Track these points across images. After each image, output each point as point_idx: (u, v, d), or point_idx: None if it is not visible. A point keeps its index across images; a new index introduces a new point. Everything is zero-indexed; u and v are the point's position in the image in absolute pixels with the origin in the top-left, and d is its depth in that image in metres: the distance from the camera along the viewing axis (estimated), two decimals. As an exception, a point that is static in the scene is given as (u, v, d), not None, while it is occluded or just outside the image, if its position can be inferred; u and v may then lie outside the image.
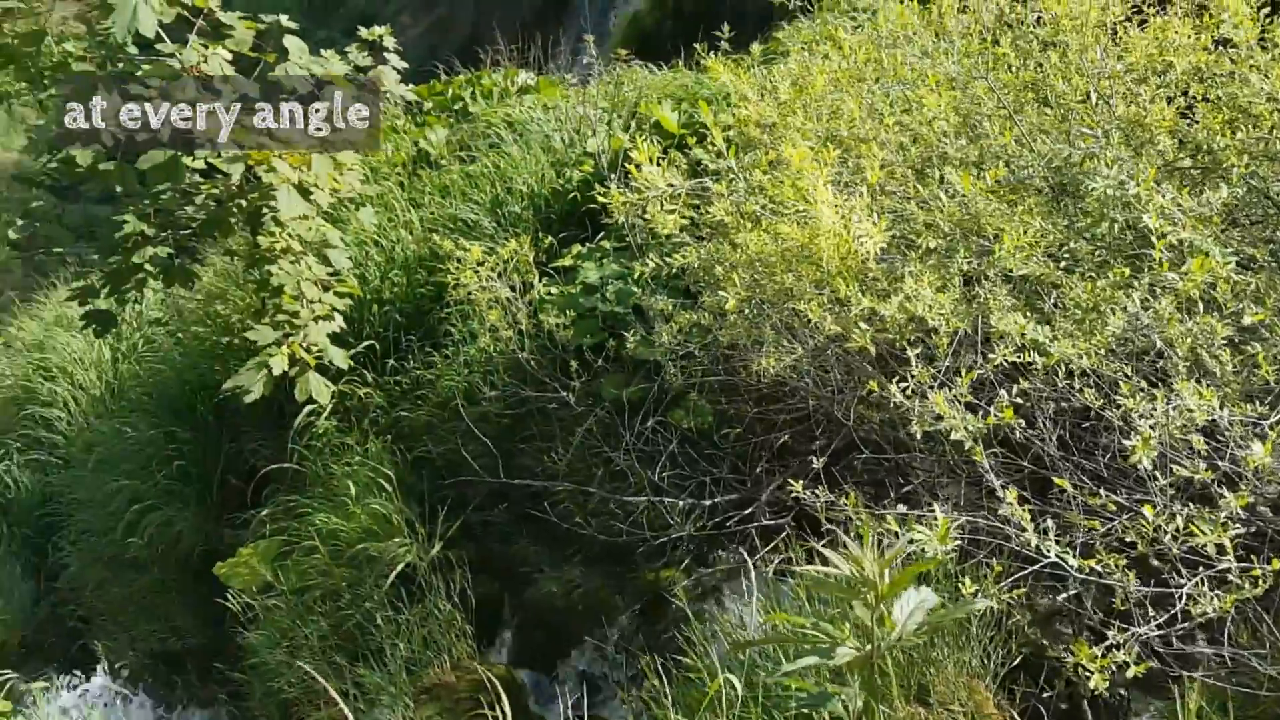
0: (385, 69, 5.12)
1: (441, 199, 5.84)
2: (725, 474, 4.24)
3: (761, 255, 3.50)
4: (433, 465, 5.10)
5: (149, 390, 6.33)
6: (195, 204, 4.66)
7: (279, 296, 4.67)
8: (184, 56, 4.27)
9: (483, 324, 4.82)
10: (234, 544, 5.38)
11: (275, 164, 4.23)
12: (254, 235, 4.84)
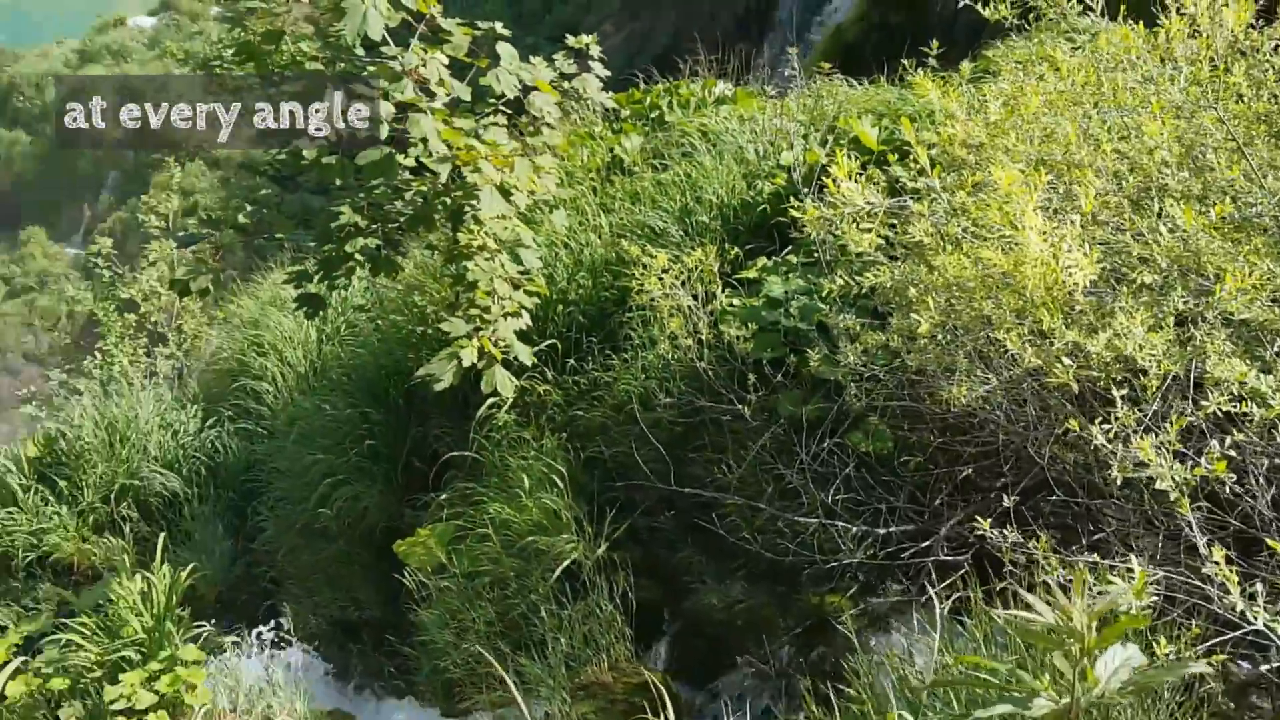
0: (588, 76, 5.25)
1: (631, 205, 5.93)
2: (902, 503, 4.11)
3: (960, 280, 3.37)
4: (604, 466, 5.18)
5: (348, 371, 6.70)
6: (404, 199, 4.91)
7: (473, 291, 4.86)
8: (405, 60, 4.50)
9: (663, 331, 4.87)
10: (413, 524, 5.63)
11: (482, 165, 4.40)
12: (454, 232, 5.06)
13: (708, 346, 4.76)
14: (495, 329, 4.79)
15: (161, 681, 4.57)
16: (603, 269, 5.67)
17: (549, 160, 5.20)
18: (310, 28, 5.56)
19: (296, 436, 6.73)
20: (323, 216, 5.02)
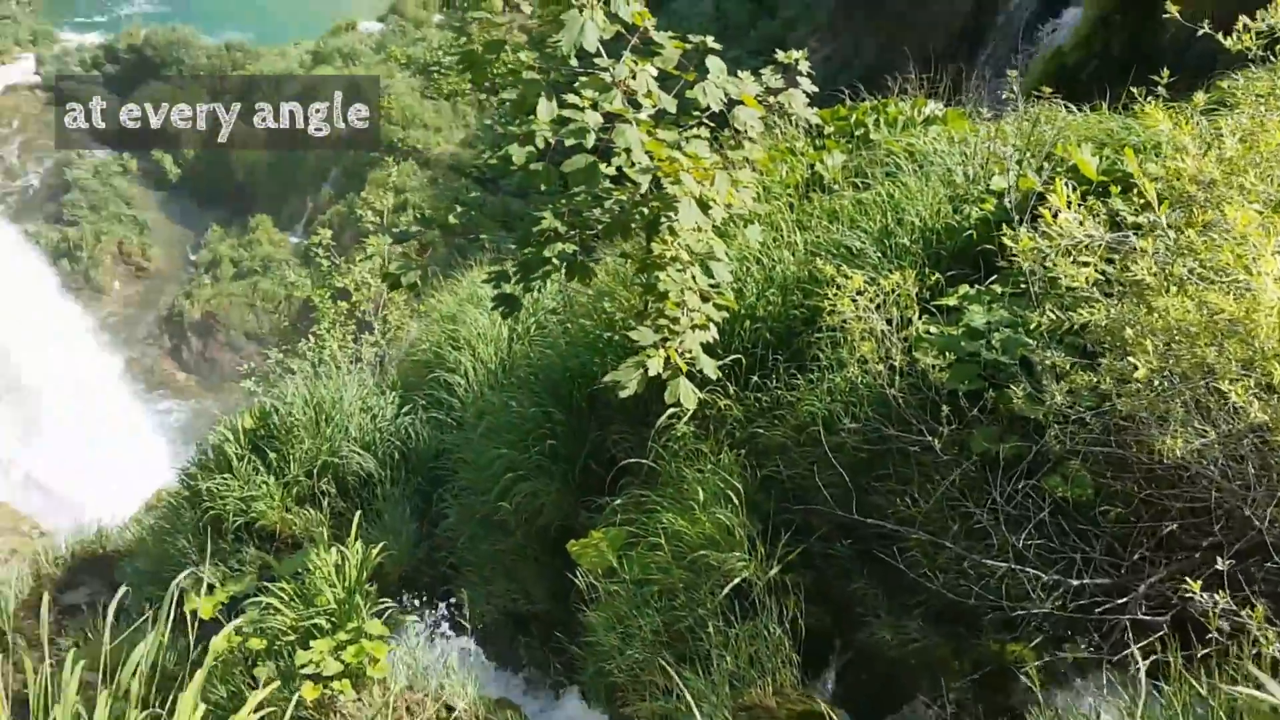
0: (795, 92, 5.21)
1: (829, 224, 5.84)
2: (1098, 555, 3.86)
3: (1182, 324, 3.14)
4: (781, 486, 5.11)
5: (535, 371, 6.90)
6: (603, 207, 5.00)
7: (663, 302, 4.90)
8: (616, 71, 4.59)
9: (853, 354, 4.76)
10: (587, 525, 5.73)
11: (682, 177, 4.44)
12: (649, 241, 5.12)
13: (900, 373, 4.61)
14: (682, 340, 4.82)
15: (348, 651, 4.84)
16: (794, 287, 5.60)
17: (748, 174, 5.19)
18: (524, 37, 5.76)
19: (483, 430, 6.98)
20: (525, 221, 5.18)
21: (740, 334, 5.69)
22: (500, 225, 5.63)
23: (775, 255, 5.79)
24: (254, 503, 7.90)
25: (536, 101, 4.78)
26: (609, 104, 4.66)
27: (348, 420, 8.37)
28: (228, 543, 7.93)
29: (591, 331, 6.44)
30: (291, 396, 8.50)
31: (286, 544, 7.86)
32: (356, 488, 8.07)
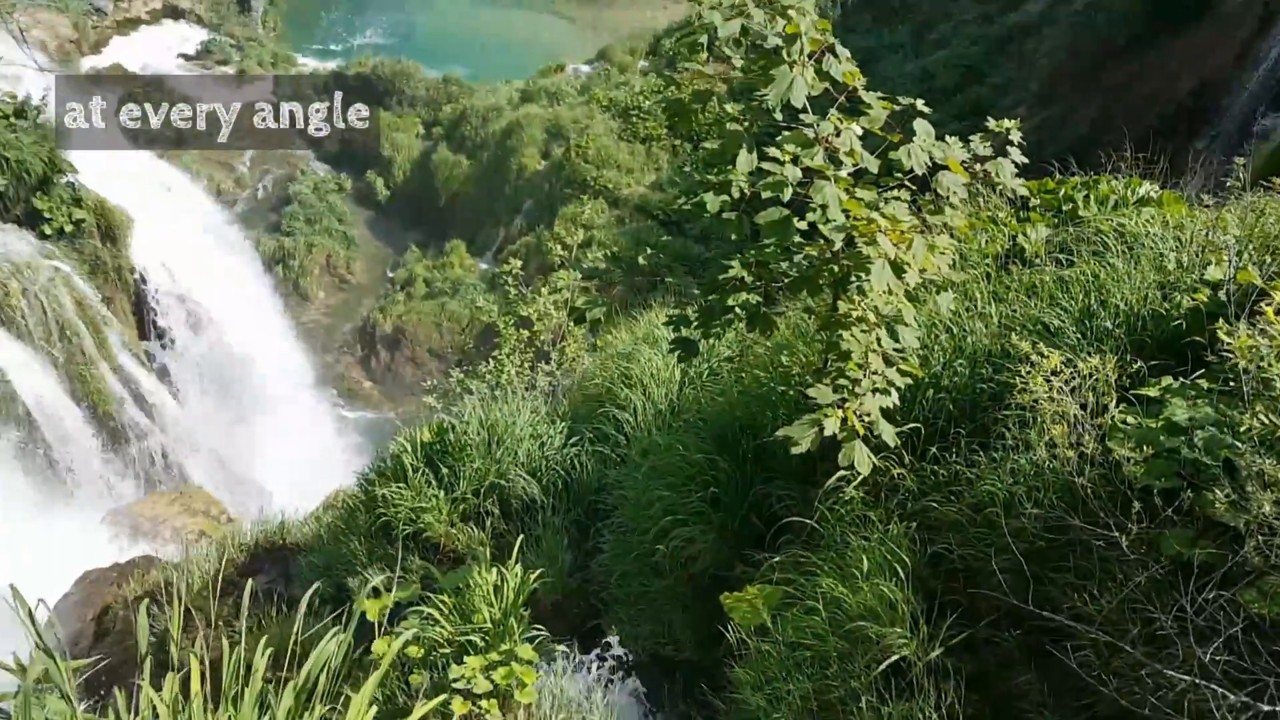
0: (1004, 162, 5.07)
1: (1026, 298, 5.63)
2: (1298, 683, 3.52)
3: None
4: (951, 565, 4.91)
5: (705, 417, 6.91)
6: (793, 261, 4.99)
7: (845, 362, 4.82)
8: (821, 128, 4.59)
9: (1041, 436, 4.54)
10: (743, 579, 5.66)
11: (879, 239, 4.38)
12: (836, 299, 5.06)
13: (1090, 462, 4.37)
14: (862, 403, 4.72)
15: (498, 672, 4.93)
16: (984, 360, 5.41)
17: (946, 240, 5.07)
18: (724, 86, 5.84)
19: (647, 470, 7.03)
20: (712, 268, 5.23)
21: (922, 402, 5.53)
22: (687, 270, 5.68)
23: (967, 325, 5.61)
24: (423, 514, 8.22)
25: (737, 151, 4.84)
26: (810, 159, 4.66)
27: (517, 445, 8.62)
28: (395, 550, 8.28)
29: (766, 384, 6.40)
30: (468, 416, 8.83)
31: (448, 557, 8.12)
32: (519, 511, 8.28)
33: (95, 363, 19.33)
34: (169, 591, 9.63)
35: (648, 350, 8.95)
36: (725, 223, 5.06)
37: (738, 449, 6.44)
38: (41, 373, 18.07)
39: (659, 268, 5.45)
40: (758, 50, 4.82)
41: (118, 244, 20.95)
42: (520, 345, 11.59)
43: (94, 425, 19.50)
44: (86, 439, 19.20)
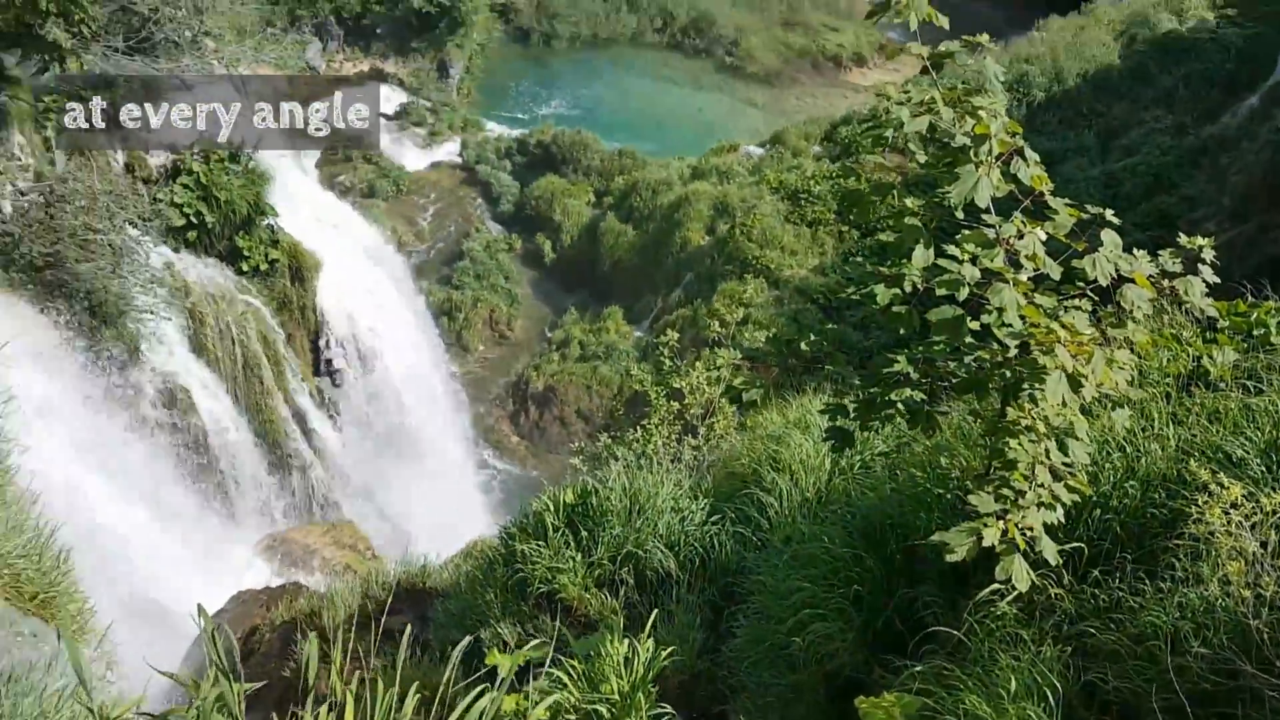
0: (1194, 280, 4.84)
1: (1208, 424, 5.30)
2: None
3: None
4: (1105, 697, 4.61)
5: (854, 511, 6.75)
6: (962, 361, 4.87)
7: (1009, 471, 4.65)
8: (1003, 229, 4.51)
9: (1215, 571, 4.26)
10: (880, 685, 5.45)
11: (1057, 350, 4.23)
12: (1004, 405, 4.90)
13: (1268, 605, 4.06)
14: (1024, 516, 4.53)
15: (620, 745, 4.89)
16: (1158, 484, 5.11)
17: (1126, 356, 4.85)
18: (898, 178, 5.80)
19: (788, 558, 6.90)
20: (876, 360, 5.16)
21: (1087, 522, 5.26)
22: (846, 359, 5.63)
23: (1142, 446, 5.33)
24: (559, 574, 8.30)
25: (914, 245, 4.79)
26: (989, 260, 4.57)
27: (658, 516, 8.62)
28: (528, 607, 8.37)
29: (922, 484, 6.22)
30: (612, 482, 8.91)
31: (579, 621, 8.15)
32: (654, 584, 8.25)
33: (271, 393, 20.56)
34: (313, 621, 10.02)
35: (798, 435, 8.84)
36: (895, 316, 4.99)
37: (886, 548, 6.25)
38: (222, 398, 19.35)
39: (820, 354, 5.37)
40: (943, 147, 4.80)
41: (305, 284, 22.36)
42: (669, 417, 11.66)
43: (262, 452, 20.67)
44: (254, 464, 20.36)
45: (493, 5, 48.93)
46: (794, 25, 54.46)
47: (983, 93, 4.71)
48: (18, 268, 14.72)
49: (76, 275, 14.81)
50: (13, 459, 6.25)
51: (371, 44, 45.23)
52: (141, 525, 15.51)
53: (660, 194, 37.15)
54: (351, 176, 38.93)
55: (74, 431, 14.48)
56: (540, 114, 47.18)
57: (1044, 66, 35.15)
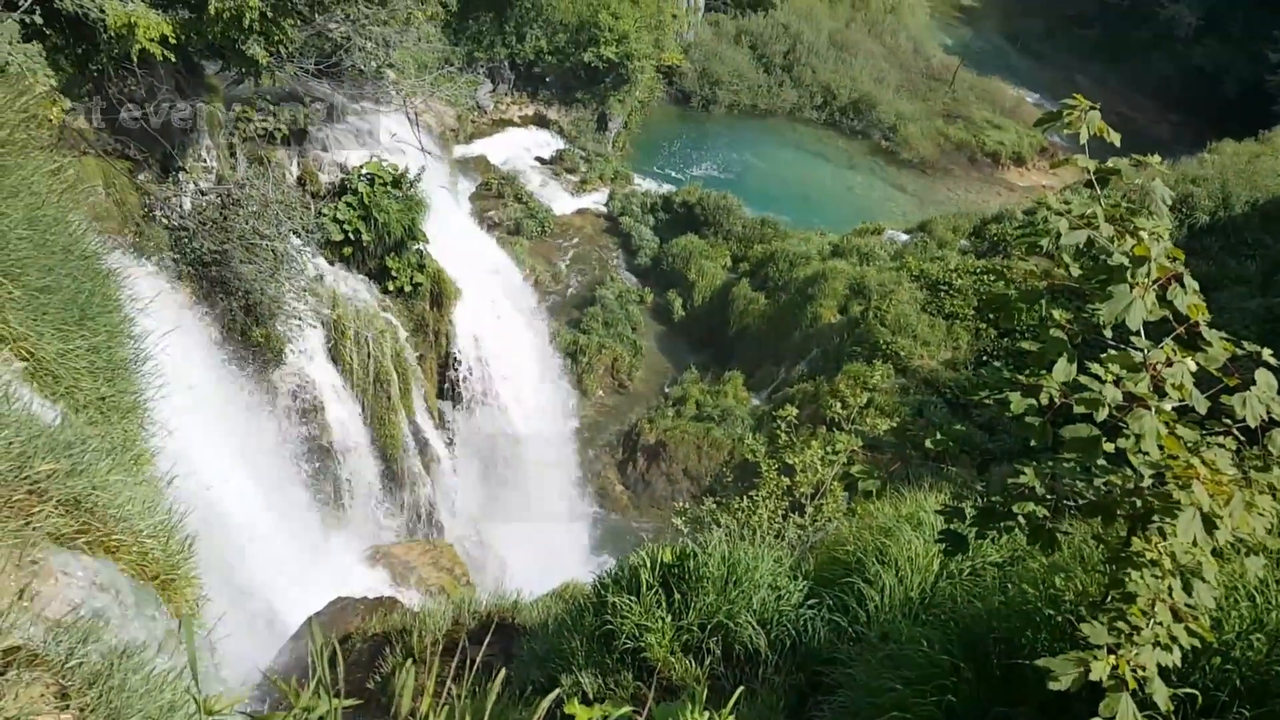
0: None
1: (1354, 586, 4.99)
2: None
3: None
4: None
5: (957, 617, 6.56)
6: (1091, 482, 4.73)
7: (1128, 604, 4.46)
8: (1152, 355, 4.39)
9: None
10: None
11: (1195, 486, 4.07)
12: (1130, 534, 4.72)
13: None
14: (1138, 654, 4.33)
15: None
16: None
17: (1268, 503, 4.62)
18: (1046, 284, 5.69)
19: (884, 656, 6.73)
20: (1002, 470, 5.05)
21: (1204, 669, 5.00)
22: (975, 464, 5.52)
23: (1274, 598, 5.05)
24: (647, 633, 8.28)
25: (1056, 358, 4.70)
26: (1133, 385, 4.45)
27: (754, 590, 8.53)
28: (612, 660, 8.37)
29: (1034, 601, 6.01)
30: (712, 549, 8.87)
31: (660, 683, 8.11)
32: (741, 658, 8.15)
33: (396, 409, 21.27)
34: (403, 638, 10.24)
35: (909, 530, 8.64)
36: (1028, 426, 4.89)
37: (987, 662, 6.05)
38: (350, 407, 20.13)
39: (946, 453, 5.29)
40: (1098, 262, 4.71)
41: (442, 310, 23.16)
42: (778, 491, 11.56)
43: (379, 464, 21.36)
44: (371, 475, 21.04)
45: (659, 67, 50.12)
46: (955, 118, 54.03)
47: (1146, 213, 4.62)
48: (187, 261, 15.76)
49: (239, 275, 15.74)
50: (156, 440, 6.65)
51: (539, 90, 46.89)
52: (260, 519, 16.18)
53: (797, 266, 37.11)
54: (501, 213, 40.19)
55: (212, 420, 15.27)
56: (689, 174, 47.93)
57: (1211, 189, 33.85)
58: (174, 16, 13.34)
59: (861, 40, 56.82)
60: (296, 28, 14.58)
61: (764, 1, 55.67)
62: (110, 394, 6.12)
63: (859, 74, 54.44)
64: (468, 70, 41.76)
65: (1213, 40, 58.30)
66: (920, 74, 57.40)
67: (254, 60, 13.83)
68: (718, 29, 54.78)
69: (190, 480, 11.77)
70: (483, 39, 44.25)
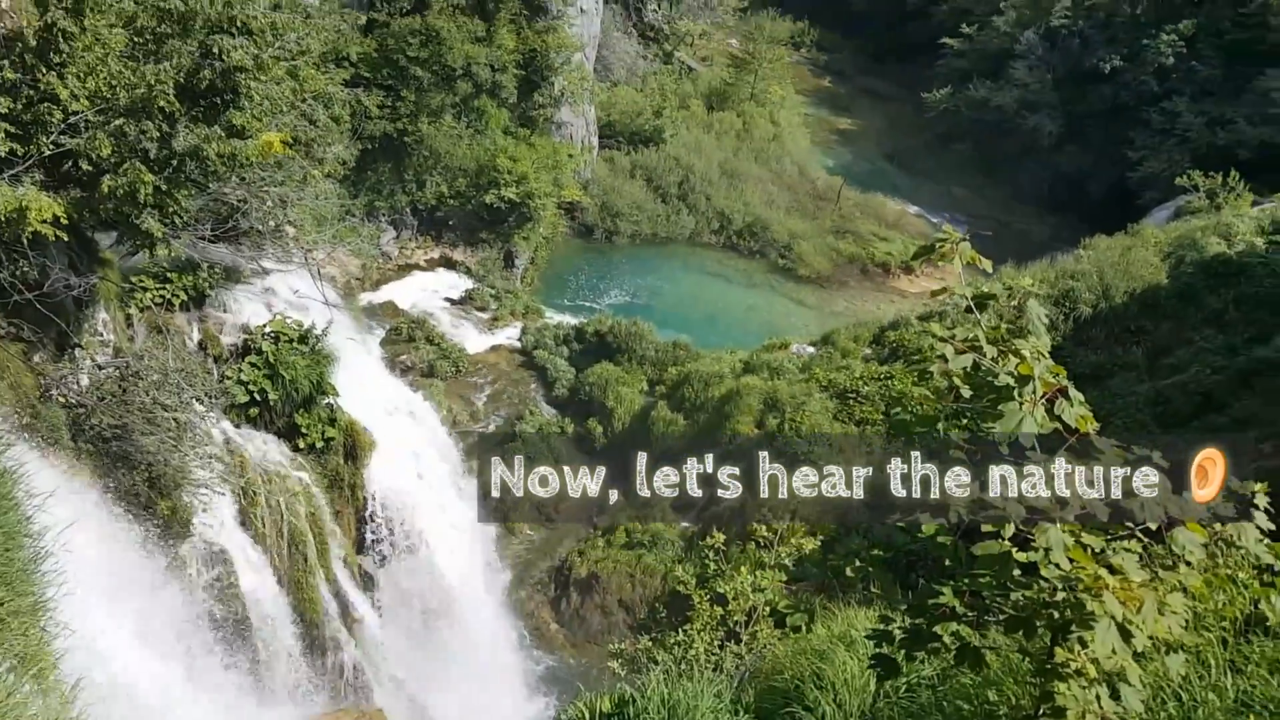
0: (1248, 526, 4.80)
1: (1268, 675, 5.12)
2: None
3: None
4: None
5: (899, 739, 6.52)
6: (1008, 597, 4.82)
7: (1058, 718, 4.50)
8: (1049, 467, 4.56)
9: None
10: None
11: (1106, 598, 4.19)
12: (1053, 645, 4.80)
13: None
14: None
15: None
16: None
17: (1179, 600, 4.76)
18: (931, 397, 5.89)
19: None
20: (921, 592, 5.12)
21: (1141, 773, 5.03)
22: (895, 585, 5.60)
23: (1198, 694, 5.14)
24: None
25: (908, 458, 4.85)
26: (1035, 498, 4.60)
27: (696, 731, 8.34)
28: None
29: (969, 718, 6.02)
30: (651, 691, 8.67)
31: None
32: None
33: (314, 571, 20.54)
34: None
35: (843, 652, 8.60)
36: (940, 547, 5.00)
37: (931, 784, 6.00)
38: (265, 574, 19.37)
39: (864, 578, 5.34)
40: (987, 384, 4.91)
41: (358, 463, 22.71)
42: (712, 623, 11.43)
43: (299, 630, 20.46)
44: (291, 642, 20.12)
45: (560, 203, 51.32)
46: (845, 233, 56.29)
47: (1026, 335, 4.86)
48: (86, 438, 15.23)
49: (140, 448, 15.25)
50: (59, 643, 6.32)
51: (443, 233, 47.45)
52: (178, 700, 15.30)
53: (712, 385, 37.58)
54: (413, 356, 40.02)
55: (119, 604, 14.55)
56: (601, 304, 48.66)
57: (1090, 283, 35.66)
58: (66, 196, 13.26)
59: (749, 167, 59.24)
60: (191, 197, 14.60)
61: (654, 137, 57.85)
62: (8, 598, 5.83)
63: (751, 198, 56.57)
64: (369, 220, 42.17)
65: (1074, 147, 62.36)
66: (808, 194, 59.91)
67: (149, 233, 13.75)
68: (613, 165, 56.57)
69: (99, 671, 11.11)
70: (382, 188, 44.84)
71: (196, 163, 13.60)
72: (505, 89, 45.95)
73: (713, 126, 62.07)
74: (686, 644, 11.38)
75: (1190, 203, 46.66)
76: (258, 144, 14.36)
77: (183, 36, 13.51)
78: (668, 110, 59.46)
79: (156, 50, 13.50)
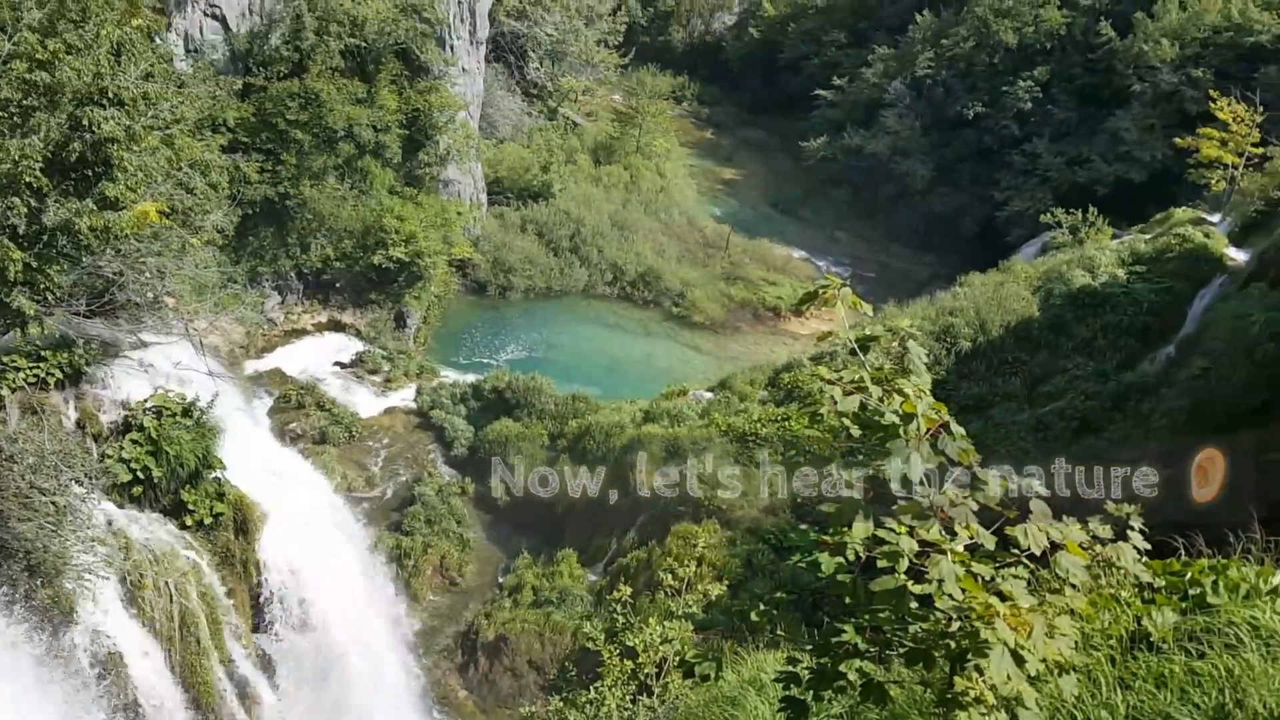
0: (1125, 547, 5.05)
1: (1155, 690, 5.36)
2: None
3: None
4: None
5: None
6: (908, 632, 4.94)
7: (963, 745, 4.62)
8: (936, 500, 4.72)
9: None
10: None
11: (998, 625, 4.34)
12: (952, 674, 4.93)
13: None
14: (981, 794, 4.47)
15: None
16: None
17: (1067, 623, 4.96)
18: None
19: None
20: (824, 631, 5.21)
21: (1045, 794, 5.18)
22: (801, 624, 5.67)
23: (1091, 713, 5.34)
24: None
25: (853, 517, 4.97)
26: (925, 532, 4.75)
27: (613, 788, 8.25)
28: None
29: (882, 754, 6.11)
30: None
31: None
32: None
33: (208, 653, 19.65)
34: None
35: (754, 697, 8.63)
36: (839, 585, 5.10)
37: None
38: (156, 659, 18.45)
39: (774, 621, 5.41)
40: (874, 423, 5.08)
41: (249, 538, 21.91)
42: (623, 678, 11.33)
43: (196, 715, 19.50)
44: (185, 731, 19.16)
45: (451, 261, 51.04)
46: (735, 279, 57.49)
47: (908, 374, 5.05)
48: (-46, 529, 14.37)
49: (17, 535, 14.45)
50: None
51: (330, 296, 46.61)
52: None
53: (613, 436, 37.62)
54: (303, 424, 39.00)
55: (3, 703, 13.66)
56: (496, 360, 48.35)
57: (969, 318, 37.21)
58: (-74, 274, 12.62)
59: (639, 219, 60.13)
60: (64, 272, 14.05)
61: (543, 192, 58.24)
62: None
63: (642, 249, 57.35)
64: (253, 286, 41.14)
65: (946, 189, 65.35)
66: (697, 243, 61.09)
67: (20, 311, 13.16)
68: (503, 220, 56.68)
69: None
70: (265, 253, 43.87)
71: (68, 237, 13.13)
72: (389, 149, 45.71)
73: (601, 180, 62.91)
74: (599, 702, 11.24)
75: (1055, 238, 49.19)
76: (132, 215, 13.95)
77: (50, 109, 13.09)
78: (555, 165, 60.01)
79: (23, 124, 13.03)
